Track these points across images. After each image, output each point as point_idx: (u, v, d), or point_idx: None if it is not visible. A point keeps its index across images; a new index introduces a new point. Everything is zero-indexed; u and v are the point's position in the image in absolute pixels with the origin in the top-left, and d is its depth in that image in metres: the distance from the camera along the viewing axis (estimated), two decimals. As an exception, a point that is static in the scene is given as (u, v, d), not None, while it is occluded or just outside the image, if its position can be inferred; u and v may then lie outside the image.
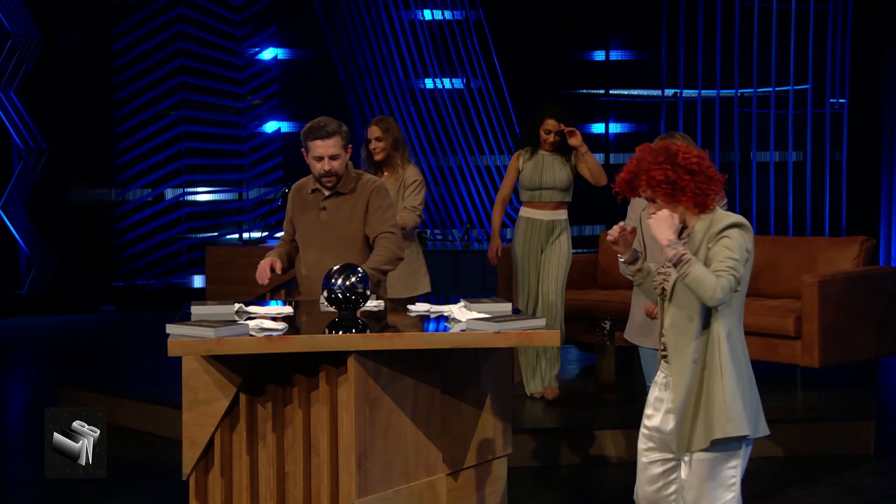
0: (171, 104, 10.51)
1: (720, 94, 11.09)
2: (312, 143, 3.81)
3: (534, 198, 5.23)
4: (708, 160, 2.88)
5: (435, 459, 3.29)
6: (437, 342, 3.10)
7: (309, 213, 3.91)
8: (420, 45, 11.13)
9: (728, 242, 2.79)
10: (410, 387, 3.23)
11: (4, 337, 8.92)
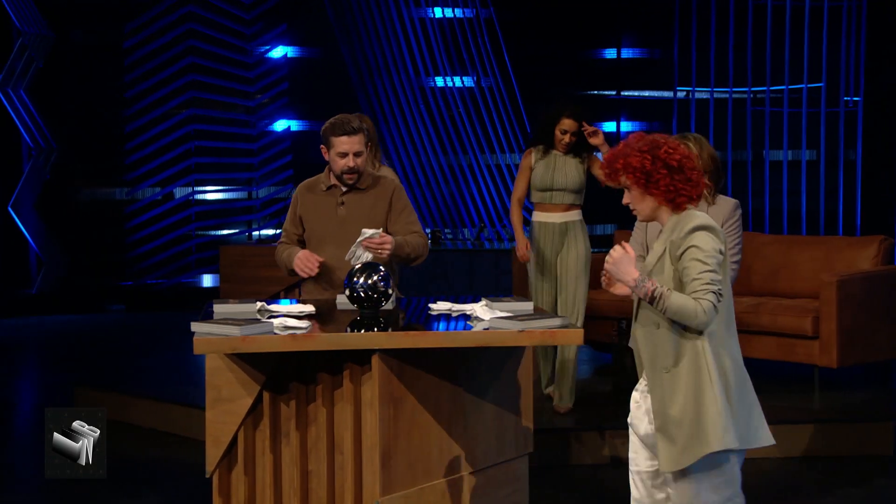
0: (180, 102, 10.56)
1: (733, 92, 11.10)
2: (337, 140, 3.82)
3: (545, 199, 5.10)
4: (694, 163, 2.79)
5: (457, 458, 3.32)
6: (461, 341, 3.13)
7: (324, 210, 3.92)
8: (431, 43, 11.16)
9: (697, 254, 2.68)
10: (433, 385, 3.25)
11: (14, 336, 8.98)
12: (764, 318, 5.65)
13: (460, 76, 11.26)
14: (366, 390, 3.12)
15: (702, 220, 2.74)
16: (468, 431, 3.35)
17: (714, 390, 2.70)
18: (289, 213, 4.03)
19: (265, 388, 3.20)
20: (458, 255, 8.12)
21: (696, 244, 2.70)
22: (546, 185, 5.06)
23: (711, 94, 11.16)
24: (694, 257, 2.69)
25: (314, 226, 3.92)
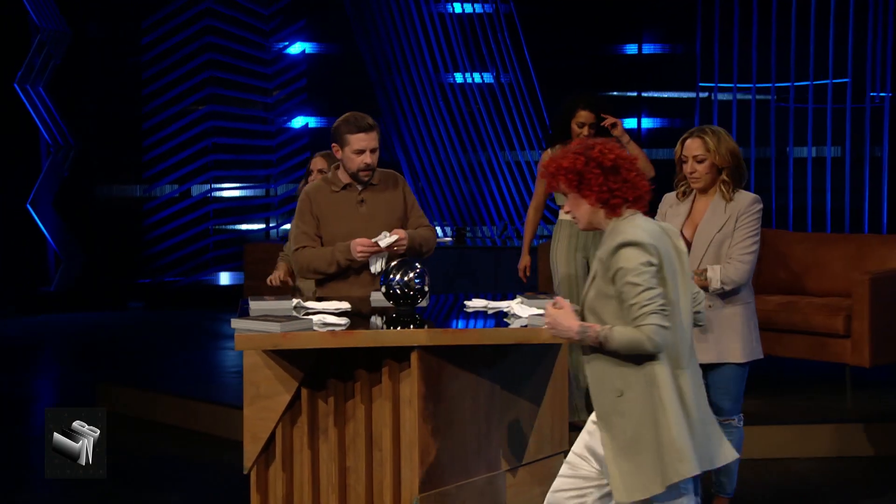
0: (198, 99, 10.63)
1: (756, 87, 11.10)
2: (354, 137, 3.81)
3: None
4: (633, 165, 2.73)
5: (495, 455, 3.36)
6: (501, 338, 3.17)
7: (345, 211, 3.89)
8: (450, 38, 11.20)
9: (626, 275, 2.60)
10: (471, 382, 3.30)
11: (33, 334, 9.06)
12: (795, 317, 5.67)
13: (479, 72, 11.30)
14: (405, 387, 3.17)
15: (627, 236, 2.66)
16: (505, 429, 3.39)
17: (668, 416, 2.61)
18: (300, 218, 3.92)
19: (303, 384, 3.25)
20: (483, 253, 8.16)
21: (623, 265, 2.62)
22: None
23: (734, 89, 11.16)
24: (625, 281, 2.62)
25: (336, 227, 3.87)
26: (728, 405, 3.71)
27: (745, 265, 3.63)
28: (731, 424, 3.71)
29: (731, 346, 3.67)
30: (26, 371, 7.61)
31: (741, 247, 3.65)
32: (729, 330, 3.65)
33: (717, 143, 3.65)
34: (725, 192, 3.66)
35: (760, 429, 5.09)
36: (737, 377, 3.71)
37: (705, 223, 3.67)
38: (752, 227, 3.69)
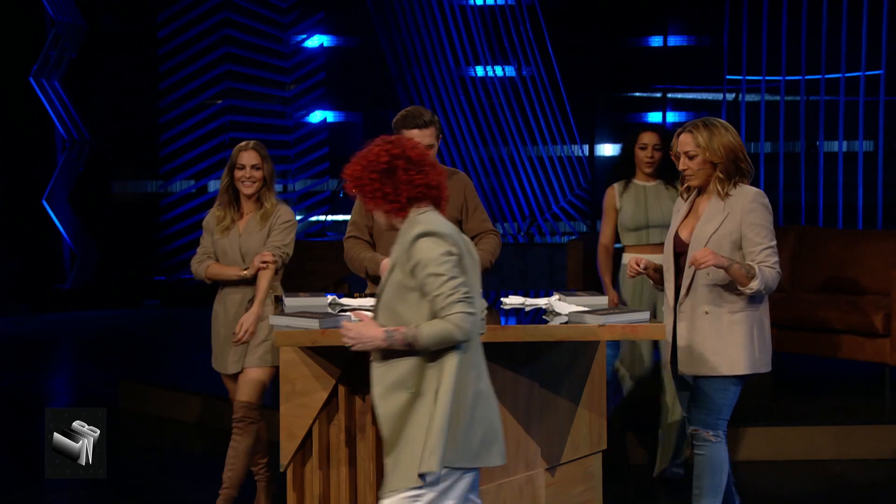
0: (215, 93, 10.69)
1: (785, 80, 11.08)
2: (409, 133, 3.88)
3: (641, 240, 4.58)
4: (418, 160, 2.71)
5: (534, 454, 3.39)
6: (542, 335, 3.20)
7: None
8: (471, 31, 11.23)
9: (427, 267, 2.60)
10: (509, 380, 3.33)
11: (49, 332, 9.14)
12: (832, 315, 5.67)
13: (501, 65, 11.32)
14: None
15: (423, 227, 2.65)
16: (544, 427, 3.42)
17: (438, 409, 2.61)
18: (357, 206, 4.02)
19: (340, 381, 3.29)
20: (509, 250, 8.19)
21: (421, 258, 2.62)
22: (639, 222, 4.58)
23: (763, 82, 11.14)
24: (427, 272, 2.61)
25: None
26: (705, 417, 3.50)
27: (775, 270, 3.42)
28: (702, 437, 3.50)
29: (726, 356, 3.42)
30: (41, 370, 7.69)
31: (765, 252, 3.43)
32: (728, 339, 3.41)
33: (709, 137, 3.47)
34: (720, 189, 3.50)
35: (797, 430, 5.10)
36: (722, 389, 3.46)
37: (702, 223, 3.50)
38: (765, 227, 3.48)
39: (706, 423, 3.48)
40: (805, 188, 10.93)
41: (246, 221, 4.07)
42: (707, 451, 3.49)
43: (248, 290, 4.01)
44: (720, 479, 3.47)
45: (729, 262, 3.39)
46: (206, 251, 4.12)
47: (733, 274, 3.40)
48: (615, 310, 3.29)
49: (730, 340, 3.41)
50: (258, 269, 3.98)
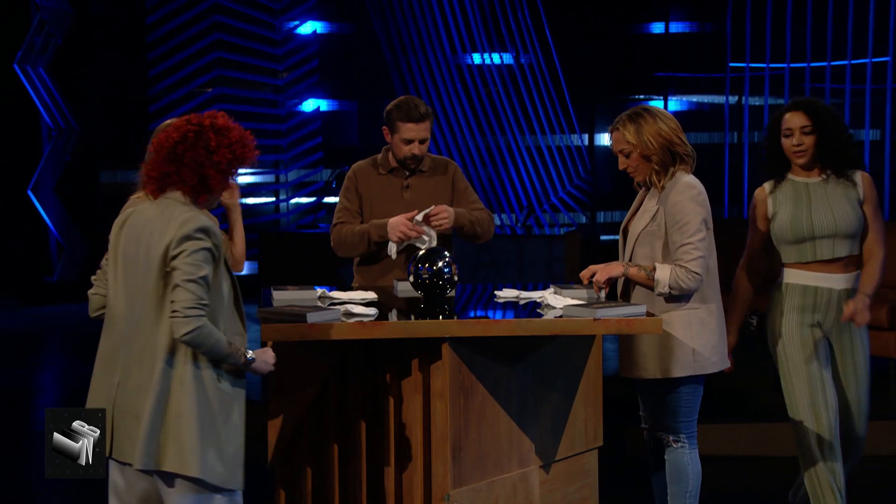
0: (206, 81, 10.68)
1: (790, 67, 11.07)
2: (404, 126, 3.91)
3: (805, 255, 3.55)
4: (197, 142, 2.70)
5: (528, 451, 3.40)
6: (535, 329, 3.20)
7: (389, 193, 3.99)
8: (468, 18, 11.21)
9: (186, 258, 2.64)
10: (503, 375, 3.34)
11: (36, 327, 9.14)
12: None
13: (499, 52, 11.30)
14: (435, 380, 3.21)
15: (198, 223, 2.67)
16: (538, 424, 3.43)
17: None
18: (344, 194, 4.05)
19: (331, 376, 3.29)
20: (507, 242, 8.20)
21: (186, 248, 2.67)
22: (802, 232, 3.53)
23: (767, 69, 11.14)
24: (183, 263, 2.66)
25: (379, 208, 3.97)
26: (664, 421, 3.44)
27: (694, 271, 3.30)
28: (665, 442, 3.47)
29: (661, 359, 3.35)
30: (29, 363, 7.69)
31: (684, 249, 3.30)
32: (663, 340, 3.32)
33: (636, 131, 3.35)
34: (657, 182, 3.38)
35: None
36: (673, 392, 3.39)
37: (637, 219, 3.44)
38: (686, 223, 3.31)
39: (665, 428, 3.47)
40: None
41: None
42: (669, 457, 3.48)
43: None
44: (686, 486, 3.45)
45: (624, 270, 3.39)
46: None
47: (633, 279, 3.41)
48: (610, 303, 3.30)
49: (664, 342, 3.34)
50: None
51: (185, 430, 2.65)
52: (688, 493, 3.47)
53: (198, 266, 2.65)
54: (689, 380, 3.41)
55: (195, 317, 2.63)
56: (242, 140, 2.76)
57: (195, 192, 2.75)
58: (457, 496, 3.21)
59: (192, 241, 2.65)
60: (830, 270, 3.56)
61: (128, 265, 2.76)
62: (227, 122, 2.77)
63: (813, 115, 3.52)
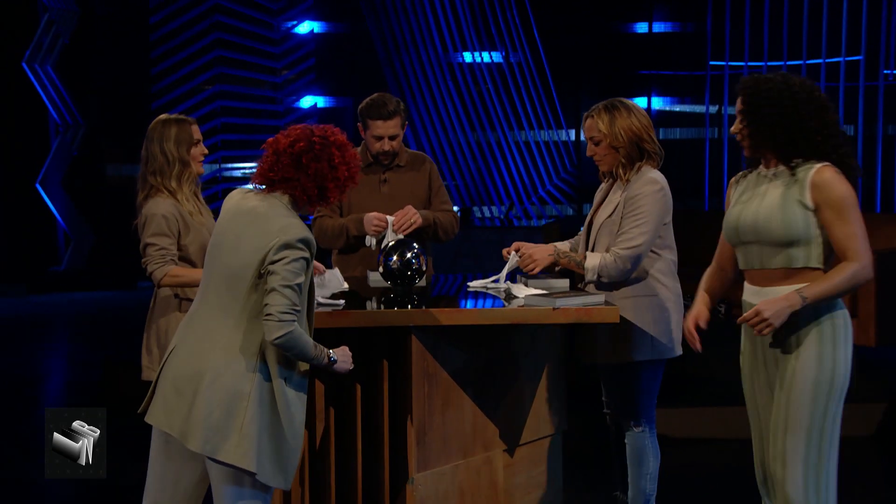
0: (207, 79, 10.62)
1: (768, 65, 11.00)
2: (373, 123, 3.87)
3: (741, 261, 2.87)
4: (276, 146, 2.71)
5: (492, 435, 3.35)
6: (496, 318, 3.15)
7: (367, 187, 3.93)
8: (458, 17, 11.14)
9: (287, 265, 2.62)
10: (468, 362, 3.28)
11: (44, 314, 9.11)
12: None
13: (489, 51, 11.23)
14: (400, 367, 3.16)
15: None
16: (503, 408, 3.38)
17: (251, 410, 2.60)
18: None
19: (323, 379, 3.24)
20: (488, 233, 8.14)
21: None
22: (729, 234, 2.87)
23: (745, 68, 11.07)
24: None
25: (357, 201, 3.91)
26: (628, 407, 3.37)
27: (624, 258, 3.22)
28: (624, 426, 3.40)
29: (617, 343, 3.27)
30: (35, 350, 7.66)
31: (625, 238, 3.23)
32: (621, 325, 3.18)
33: (610, 122, 3.27)
34: (622, 174, 3.29)
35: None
36: (630, 377, 3.31)
37: (601, 210, 3.36)
38: (641, 214, 3.23)
39: (626, 413, 3.41)
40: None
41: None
42: (630, 441, 3.42)
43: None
44: (647, 468, 3.40)
45: (555, 258, 3.34)
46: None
47: (565, 267, 3.35)
48: (571, 293, 3.24)
49: (623, 328, 3.26)
50: None
51: (252, 424, 2.59)
52: (648, 476, 3.42)
53: (296, 273, 2.61)
54: (648, 365, 3.35)
55: (288, 321, 2.60)
56: (356, 158, 2.76)
57: (310, 201, 2.71)
58: (421, 479, 3.16)
59: (293, 249, 2.61)
60: (763, 283, 2.77)
61: (223, 250, 2.69)
62: (345, 139, 2.75)
63: (745, 95, 2.78)
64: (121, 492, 4.22)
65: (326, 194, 2.70)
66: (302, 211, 2.75)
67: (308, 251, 2.64)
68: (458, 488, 3.26)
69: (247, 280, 2.63)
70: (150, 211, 3.45)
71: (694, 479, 4.45)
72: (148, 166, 3.51)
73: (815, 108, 2.69)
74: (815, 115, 2.69)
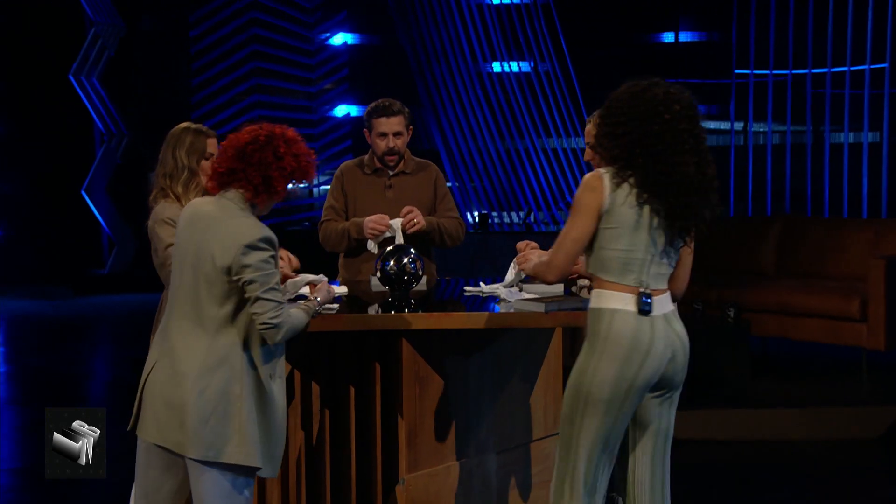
0: (245, 89, 10.68)
1: (792, 73, 10.80)
2: (377, 121, 3.83)
3: None
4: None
5: (485, 437, 3.29)
6: (485, 322, 3.09)
7: (372, 192, 3.90)
8: (488, 28, 11.09)
9: (258, 271, 2.59)
10: (461, 365, 3.23)
11: (87, 315, 9.21)
12: (811, 301, 5.50)
13: (517, 61, 11.17)
14: (393, 370, 3.11)
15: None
16: (496, 411, 3.32)
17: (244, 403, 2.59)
18: (332, 192, 3.95)
19: (295, 367, 3.21)
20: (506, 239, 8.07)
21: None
22: None
23: (770, 75, 10.88)
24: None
25: (363, 206, 3.88)
26: None
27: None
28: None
29: None
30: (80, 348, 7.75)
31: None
32: None
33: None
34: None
35: (772, 411, 4.96)
36: None
37: None
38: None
39: None
40: (812, 178, 10.66)
41: None
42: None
43: None
44: None
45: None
46: None
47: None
48: (563, 298, 3.17)
49: None
50: None
51: (248, 423, 2.58)
52: None
53: (270, 275, 2.60)
54: None
55: (281, 322, 2.60)
56: (308, 155, 2.73)
57: (256, 193, 2.66)
58: (412, 481, 3.11)
59: (258, 250, 2.58)
60: None
61: (186, 259, 2.67)
62: (295, 135, 2.74)
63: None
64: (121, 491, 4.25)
65: (272, 184, 2.65)
66: (258, 210, 2.70)
67: (272, 248, 2.61)
68: (451, 489, 3.21)
69: (218, 287, 2.60)
70: (157, 217, 3.46)
71: (701, 480, 4.35)
72: (160, 168, 3.54)
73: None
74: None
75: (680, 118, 2.60)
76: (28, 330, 8.54)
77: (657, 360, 2.56)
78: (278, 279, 2.63)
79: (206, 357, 2.59)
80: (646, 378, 2.56)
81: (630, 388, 2.55)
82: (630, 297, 2.56)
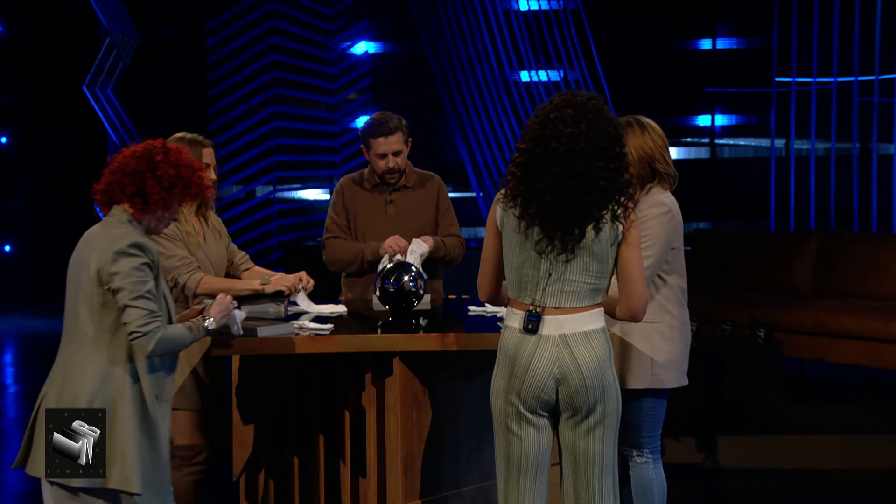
0: (263, 100, 10.74)
1: (837, 81, 10.65)
2: (374, 141, 3.82)
3: None
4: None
5: (486, 465, 3.24)
6: (484, 344, 3.05)
7: (373, 208, 3.89)
8: (515, 36, 11.06)
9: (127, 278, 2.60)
10: (461, 388, 3.18)
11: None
12: (850, 321, 5.39)
13: (546, 70, 11.13)
14: (389, 394, 3.08)
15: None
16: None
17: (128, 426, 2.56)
18: (333, 208, 3.94)
19: (291, 390, 3.18)
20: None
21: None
22: None
23: (813, 84, 10.74)
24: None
25: (363, 221, 3.88)
26: (632, 437, 3.23)
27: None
28: (629, 457, 3.25)
29: (628, 369, 3.15)
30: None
31: None
32: (623, 352, 3.13)
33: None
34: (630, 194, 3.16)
35: (807, 438, 4.85)
36: (635, 406, 3.17)
37: None
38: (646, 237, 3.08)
39: (629, 443, 3.25)
40: (858, 191, 10.50)
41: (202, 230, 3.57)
42: (634, 472, 3.27)
43: None
44: (651, 501, 3.23)
45: None
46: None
47: None
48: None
49: (623, 353, 3.14)
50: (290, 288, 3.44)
51: (130, 447, 2.56)
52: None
53: (141, 282, 2.57)
54: (650, 394, 3.20)
55: (152, 330, 2.56)
56: (191, 167, 2.70)
57: (134, 205, 2.65)
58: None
59: (127, 256, 2.57)
60: None
61: (71, 281, 2.67)
62: (180, 149, 2.71)
63: None
64: None
65: (146, 192, 2.64)
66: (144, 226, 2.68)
67: (144, 254, 2.59)
68: (451, 520, 3.16)
69: (96, 300, 2.59)
70: None
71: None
72: None
73: None
74: None
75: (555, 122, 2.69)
76: (38, 349, 8.60)
77: (539, 379, 2.61)
78: (152, 286, 2.59)
79: (92, 377, 2.58)
80: (532, 395, 2.62)
81: (517, 402, 2.63)
82: (520, 315, 2.63)
